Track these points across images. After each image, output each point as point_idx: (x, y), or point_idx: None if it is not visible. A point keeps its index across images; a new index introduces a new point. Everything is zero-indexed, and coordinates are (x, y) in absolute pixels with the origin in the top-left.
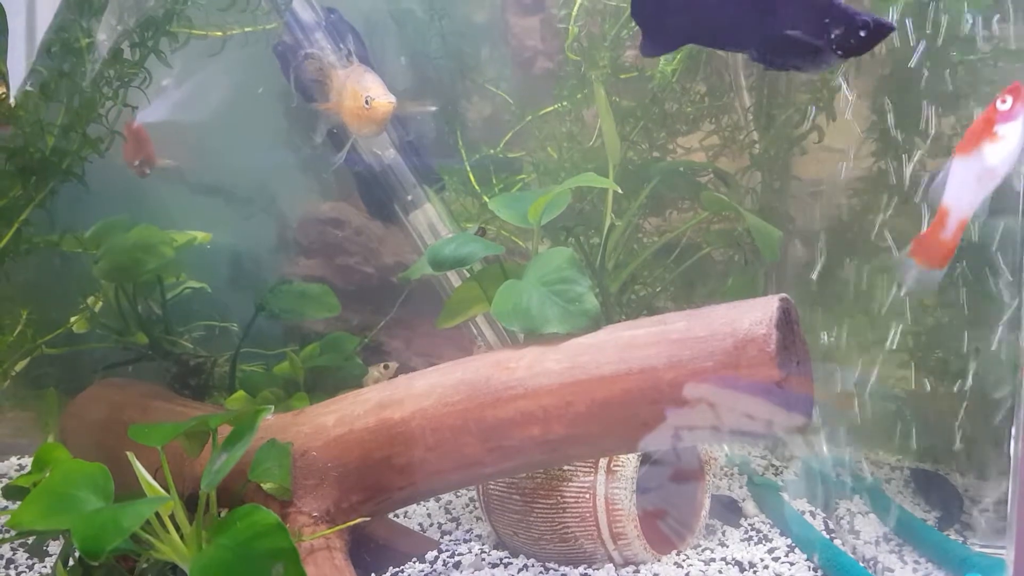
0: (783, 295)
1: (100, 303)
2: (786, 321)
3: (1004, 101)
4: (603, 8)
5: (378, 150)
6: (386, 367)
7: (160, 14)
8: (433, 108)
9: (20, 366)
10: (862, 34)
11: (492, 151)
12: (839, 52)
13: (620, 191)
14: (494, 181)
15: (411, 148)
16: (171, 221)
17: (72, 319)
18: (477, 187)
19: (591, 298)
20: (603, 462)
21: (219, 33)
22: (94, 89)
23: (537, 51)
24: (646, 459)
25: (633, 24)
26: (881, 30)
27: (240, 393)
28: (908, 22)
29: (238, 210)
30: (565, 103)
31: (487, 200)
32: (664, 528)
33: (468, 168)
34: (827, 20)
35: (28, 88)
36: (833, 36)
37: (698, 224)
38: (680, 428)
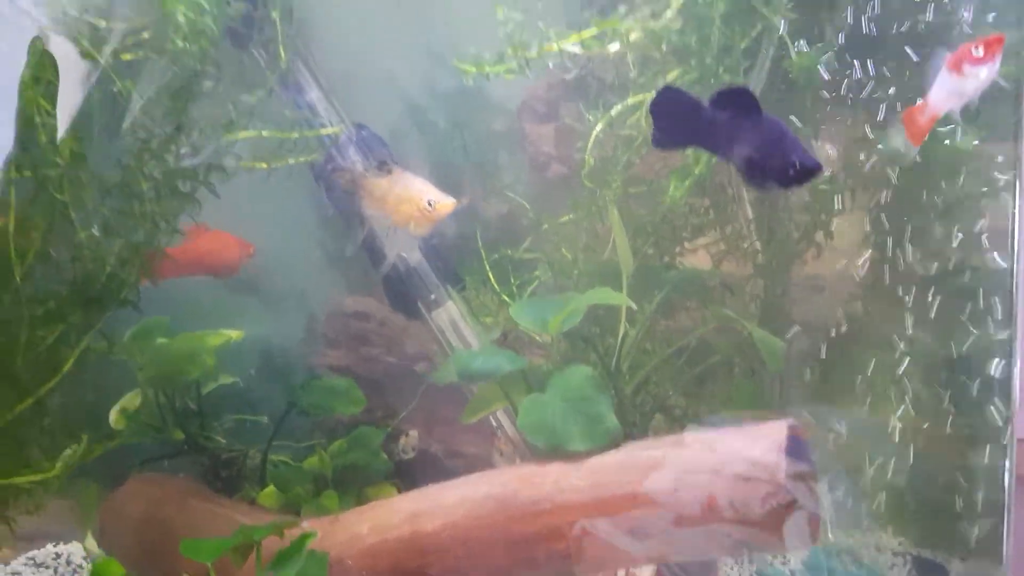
0: (791, 421)
1: (139, 400)
2: (794, 446)
3: (977, 48)
4: (616, 136)
5: (404, 253)
6: (407, 436)
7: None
8: (466, 201)
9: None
10: (790, 172)
11: (510, 252)
12: (775, 181)
13: (635, 307)
14: (512, 280)
15: (434, 251)
16: (204, 316)
17: (112, 415)
18: (496, 285)
19: (611, 417)
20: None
21: (264, 165)
22: (152, 225)
23: (551, 156)
24: None
25: (643, 149)
26: (808, 172)
27: (271, 488)
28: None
29: (269, 305)
30: (579, 214)
31: (509, 306)
32: None
33: (488, 267)
34: (774, 150)
35: (94, 231)
36: (772, 166)
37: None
38: (696, 543)
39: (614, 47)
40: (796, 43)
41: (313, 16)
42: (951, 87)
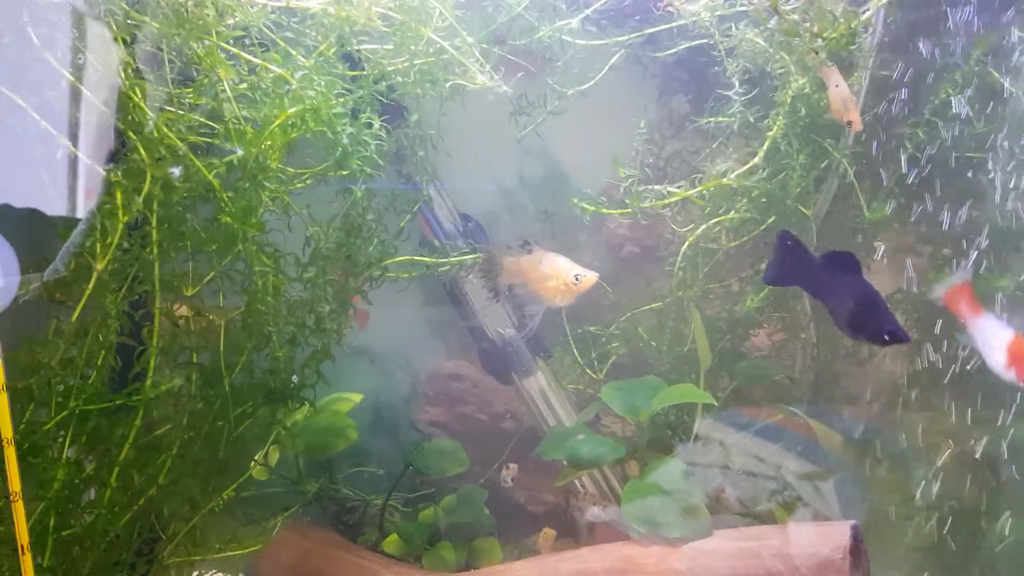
0: (853, 523)
1: (277, 454)
2: (856, 545)
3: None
4: (700, 250)
5: (500, 329)
6: (508, 468)
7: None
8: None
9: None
10: (884, 338)
11: (592, 328)
12: (868, 340)
13: (716, 403)
14: (592, 354)
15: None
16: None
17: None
18: (578, 358)
19: (704, 510)
20: None
21: (405, 275)
22: (326, 335)
23: (626, 238)
24: None
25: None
26: (895, 340)
27: (394, 537)
28: None
29: (380, 368)
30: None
31: (602, 391)
32: None
33: (571, 340)
34: (868, 315)
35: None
36: (867, 329)
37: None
38: None
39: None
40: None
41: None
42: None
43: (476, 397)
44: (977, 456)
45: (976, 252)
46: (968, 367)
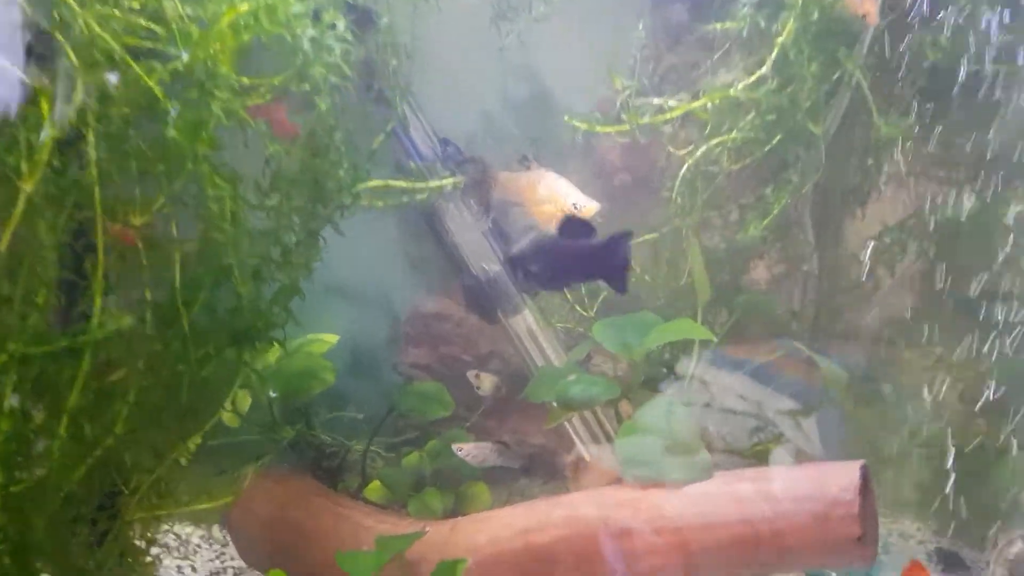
0: (862, 463)
1: (249, 400)
2: (864, 484)
3: None
4: (700, 173)
5: (485, 264)
6: (478, 376)
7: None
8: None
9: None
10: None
11: None
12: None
13: (715, 340)
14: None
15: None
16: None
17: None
18: (567, 295)
19: (704, 453)
20: None
21: (380, 204)
22: (294, 270)
23: (617, 167)
24: None
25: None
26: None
27: (376, 484)
28: None
29: (357, 307)
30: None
31: (593, 328)
32: None
33: None
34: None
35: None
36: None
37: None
38: (769, 565)
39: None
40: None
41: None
42: None
43: (460, 337)
44: (985, 390)
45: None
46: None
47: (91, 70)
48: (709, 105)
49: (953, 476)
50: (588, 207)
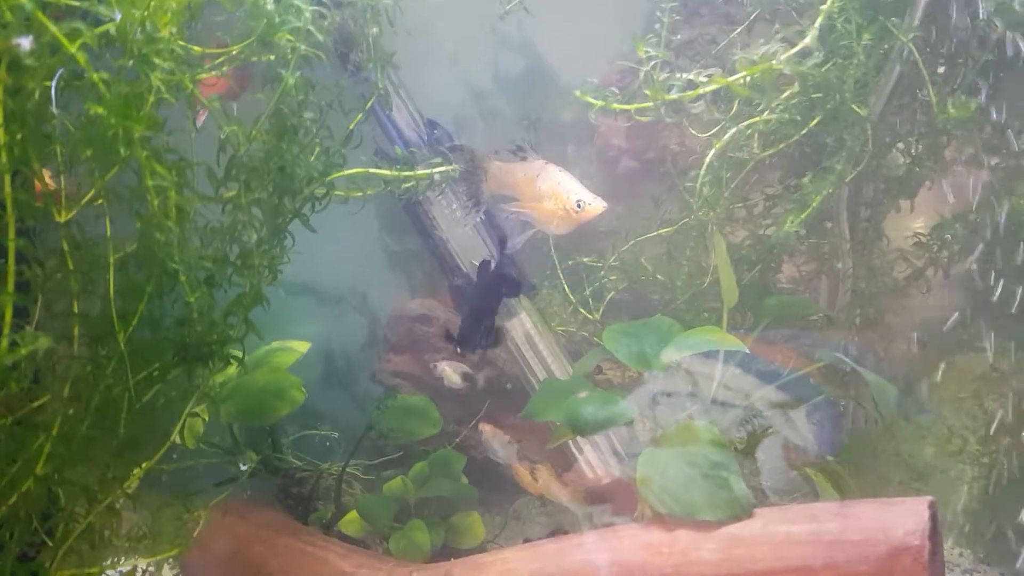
0: (931, 499)
1: (206, 419)
2: (933, 527)
3: None
4: (727, 160)
5: (476, 262)
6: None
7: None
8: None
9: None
10: None
11: (585, 260)
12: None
13: (747, 351)
14: (586, 290)
15: (510, 260)
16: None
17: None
18: (571, 295)
19: (741, 486)
20: None
21: (359, 193)
22: (256, 274)
23: (622, 150)
24: None
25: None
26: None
27: (354, 515)
28: None
29: (330, 309)
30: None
31: (603, 335)
32: None
33: (561, 273)
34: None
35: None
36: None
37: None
38: None
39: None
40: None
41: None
42: None
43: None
44: None
45: None
46: None
47: None
48: (745, 80)
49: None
50: (594, 206)
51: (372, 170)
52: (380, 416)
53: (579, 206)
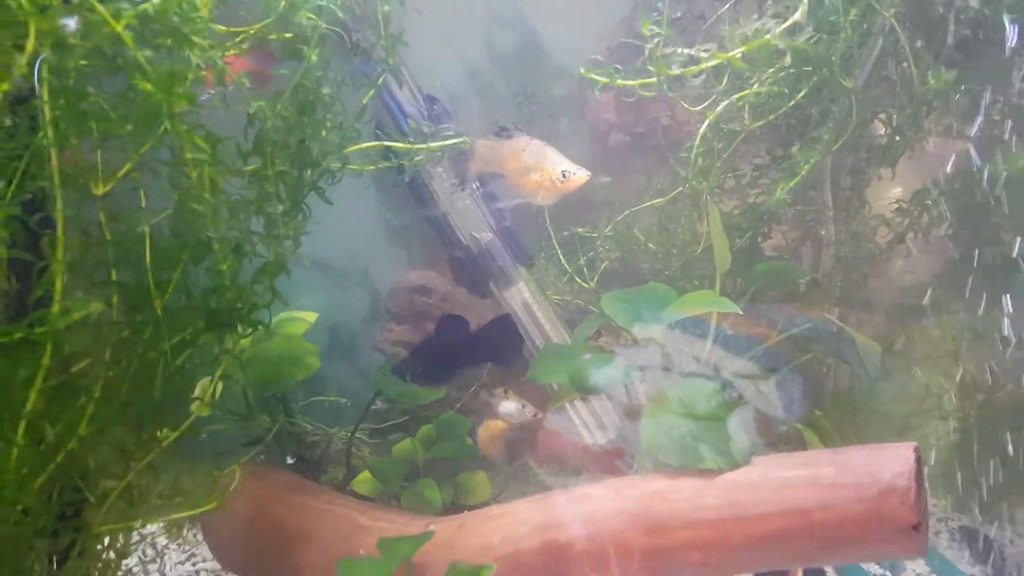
0: (915, 444)
1: (221, 387)
2: (918, 469)
3: None
4: (719, 132)
5: (476, 233)
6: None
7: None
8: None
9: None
10: None
11: (580, 230)
12: None
13: (741, 312)
14: (581, 259)
15: (507, 232)
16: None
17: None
18: (566, 265)
19: (743, 438)
20: None
21: (371, 167)
22: (280, 243)
23: (612, 124)
24: None
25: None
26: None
27: (365, 474)
28: None
29: (333, 282)
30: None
31: (601, 302)
32: None
33: (556, 245)
34: None
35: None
36: None
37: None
38: (815, 558)
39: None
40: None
41: None
42: None
43: (448, 311)
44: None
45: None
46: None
47: (44, 13)
48: (742, 55)
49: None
50: (578, 175)
51: (387, 143)
52: (385, 382)
53: (564, 176)
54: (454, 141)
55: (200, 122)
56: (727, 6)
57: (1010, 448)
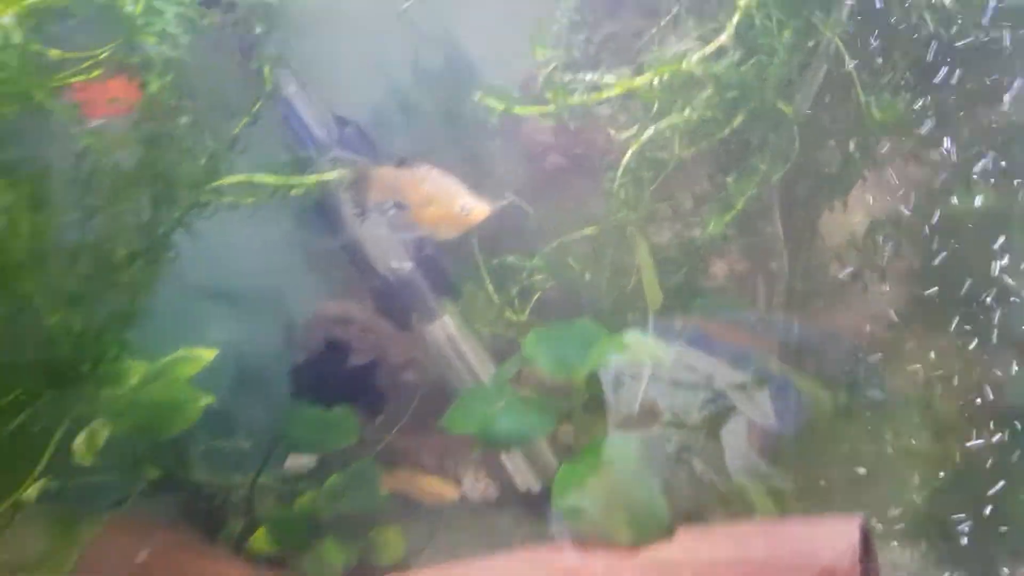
0: (861, 519)
1: (106, 431)
2: (866, 547)
3: None
4: (646, 159)
5: (395, 263)
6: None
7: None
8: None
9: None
10: None
11: (511, 259)
12: None
13: (669, 358)
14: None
15: (429, 261)
16: (169, 327)
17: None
18: (494, 296)
19: (663, 504)
20: None
21: (250, 200)
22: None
23: (549, 146)
24: None
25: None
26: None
27: (261, 531)
28: None
29: (242, 310)
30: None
31: (524, 341)
32: None
33: (485, 274)
34: None
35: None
36: None
37: None
38: None
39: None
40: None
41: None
42: None
43: (368, 344)
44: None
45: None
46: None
47: None
48: (656, 81)
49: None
50: (476, 210)
51: (256, 177)
52: (289, 425)
53: (463, 210)
54: (337, 174)
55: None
56: (662, 23)
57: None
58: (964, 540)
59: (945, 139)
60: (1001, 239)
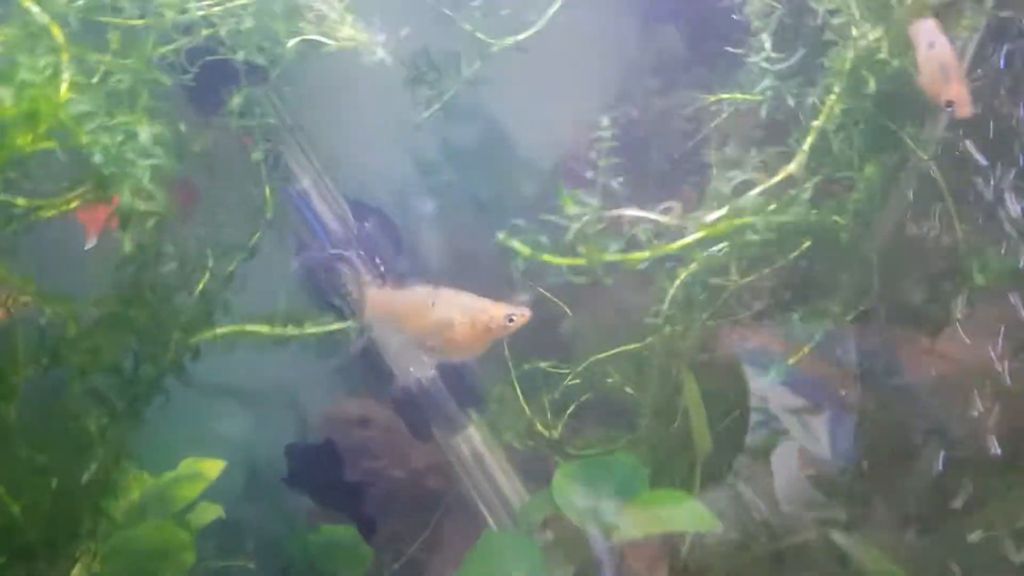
0: None
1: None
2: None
3: None
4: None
5: (415, 370)
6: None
7: None
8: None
9: None
10: None
11: (543, 365)
12: None
13: (719, 527)
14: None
15: (452, 368)
16: (172, 428)
17: None
18: (525, 405)
19: None
20: None
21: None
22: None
23: None
24: None
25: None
26: None
27: None
28: None
29: (252, 409)
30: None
31: (553, 480)
32: None
33: (515, 381)
34: None
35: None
36: None
37: None
38: None
39: None
40: None
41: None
42: None
43: (388, 448)
44: None
45: None
46: None
47: None
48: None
49: None
50: (518, 316)
51: (248, 327)
52: (296, 552)
53: (510, 320)
54: (336, 327)
55: None
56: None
57: None
58: None
59: None
60: None
